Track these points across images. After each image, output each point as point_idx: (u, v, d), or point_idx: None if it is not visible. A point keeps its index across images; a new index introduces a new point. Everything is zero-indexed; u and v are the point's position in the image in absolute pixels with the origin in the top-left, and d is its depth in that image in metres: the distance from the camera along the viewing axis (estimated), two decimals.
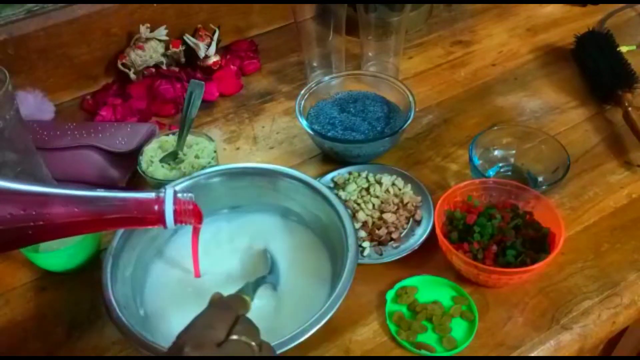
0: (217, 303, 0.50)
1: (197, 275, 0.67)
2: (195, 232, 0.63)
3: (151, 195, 0.55)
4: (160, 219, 0.55)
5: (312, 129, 0.81)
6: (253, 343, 0.46)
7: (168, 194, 0.56)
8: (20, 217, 0.50)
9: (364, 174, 0.80)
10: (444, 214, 0.71)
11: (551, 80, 0.97)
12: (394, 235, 0.73)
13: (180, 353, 0.43)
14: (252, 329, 0.47)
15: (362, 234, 0.74)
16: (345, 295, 0.59)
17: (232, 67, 0.99)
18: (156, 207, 0.55)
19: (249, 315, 0.50)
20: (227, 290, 0.64)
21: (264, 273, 0.67)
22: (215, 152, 0.79)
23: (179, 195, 0.57)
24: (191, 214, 0.57)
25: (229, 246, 0.72)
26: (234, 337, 0.45)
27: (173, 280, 0.69)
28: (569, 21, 1.09)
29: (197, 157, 0.77)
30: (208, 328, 0.45)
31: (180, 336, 0.45)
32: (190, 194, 0.58)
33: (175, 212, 0.55)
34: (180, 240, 0.73)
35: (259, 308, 0.65)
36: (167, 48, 0.98)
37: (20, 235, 0.51)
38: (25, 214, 0.50)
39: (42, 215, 0.50)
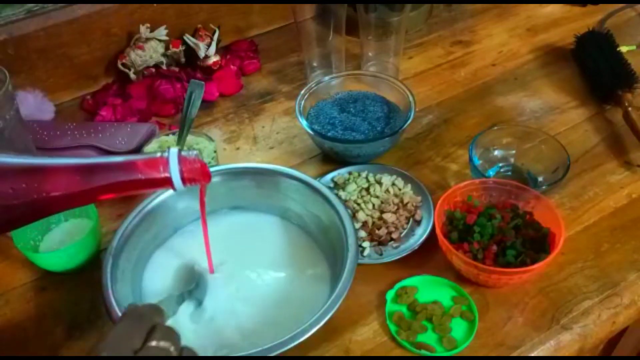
0: (131, 313, 0.48)
1: (205, 229, 0.66)
2: (202, 192, 0.61)
3: (155, 155, 0.53)
4: (167, 180, 0.53)
5: (312, 129, 0.81)
6: (172, 348, 0.45)
7: (172, 153, 0.53)
8: (22, 191, 0.48)
9: (364, 174, 0.80)
10: (444, 214, 0.71)
11: (551, 80, 0.97)
12: (394, 235, 0.73)
13: None
14: (171, 334, 0.46)
15: (362, 234, 0.74)
16: (345, 295, 0.59)
17: (232, 67, 0.99)
18: (161, 168, 0.52)
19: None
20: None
21: (189, 287, 0.66)
22: (215, 152, 0.79)
23: (184, 153, 0.54)
24: (199, 173, 0.55)
25: (235, 255, 0.71)
26: (152, 343, 0.44)
27: (173, 278, 0.69)
28: (569, 21, 1.09)
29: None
30: (123, 338, 0.44)
31: (96, 348, 0.44)
32: (195, 151, 0.55)
33: (181, 172, 0.53)
34: (180, 240, 0.73)
35: (259, 307, 0.65)
36: (167, 48, 0.98)
37: (26, 210, 0.49)
38: (28, 187, 0.48)
39: (45, 187, 0.49)
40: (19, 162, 0.50)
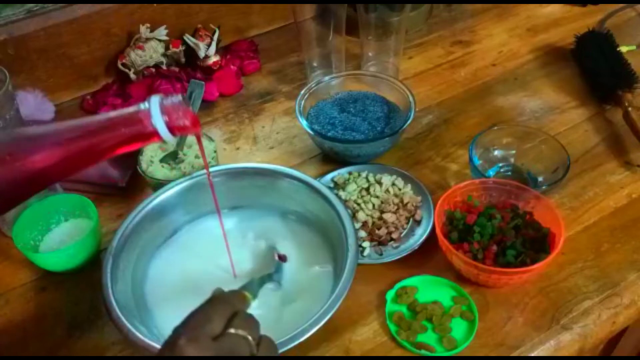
0: (216, 297, 0.49)
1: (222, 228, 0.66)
2: (199, 140, 0.60)
3: (137, 108, 0.50)
4: (153, 133, 0.50)
5: (312, 129, 0.81)
6: (250, 337, 0.45)
7: (153, 102, 0.50)
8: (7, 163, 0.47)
9: (364, 174, 0.80)
10: (444, 214, 0.71)
11: (551, 80, 0.97)
12: (394, 235, 0.73)
13: (175, 346, 0.43)
14: (251, 323, 0.47)
15: (362, 234, 0.74)
16: (345, 295, 0.59)
17: (232, 67, 0.99)
18: (146, 122, 0.50)
19: (251, 310, 0.50)
20: (230, 287, 0.64)
21: (269, 271, 0.67)
22: (215, 152, 0.79)
23: (166, 101, 0.51)
24: (186, 120, 0.52)
25: (233, 242, 0.71)
26: (231, 330, 0.45)
27: (173, 279, 0.69)
28: (569, 21, 1.09)
29: (197, 157, 0.77)
30: (205, 321, 0.45)
31: (176, 330, 0.45)
32: (178, 97, 0.52)
33: (167, 123, 0.50)
34: (180, 239, 0.73)
35: (260, 307, 0.65)
36: (167, 48, 0.98)
37: (17, 188, 0.48)
38: (12, 158, 0.47)
39: (31, 161, 0.48)
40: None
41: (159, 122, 0.50)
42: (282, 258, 0.69)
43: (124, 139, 0.50)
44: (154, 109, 0.50)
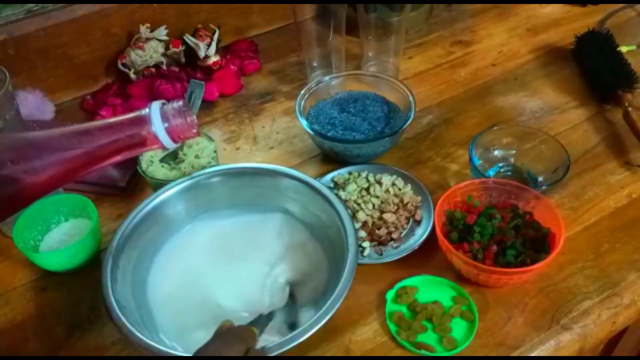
0: (227, 334, 0.48)
1: None
2: None
3: (138, 114, 0.50)
4: (155, 140, 0.50)
5: (312, 129, 0.81)
6: None
7: (154, 109, 0.49)
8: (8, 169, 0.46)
9: (364, 174, 0.80)
10: (444, 214, 0.71)
11: (551, 80, 0.97)
12: (394, 235, 0.73)
13: None
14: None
15: (362, 234, 0.74)
16: (345, 295, 0.59)
17: (232, 67, 0.99)
18: (145, 130, 0.49)
19: None
20: (229, 295, 0.64)
21: (279, 305, 0.65)
22: (215, 152, 0.79)
23: (166, 107, 0.50)
24: (186, 128, 0.51)
25: (236, 254, 0.71)
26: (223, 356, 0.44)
27: (173, 279, 0.69)
28: (569, 21, 1.09)
29: (197, 157, 0.77)
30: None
31: None
32: (179, 103, 0.51)
33: (168, 130, 0.50)
34: (180, 239, 0.73)
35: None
36: (167, 48, 0.98)
37: (17, 196, 0.48)
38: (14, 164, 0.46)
39: (32, 169, 0.47)
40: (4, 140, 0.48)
41: (159, 129, 0.50)
42: (294, 297, 0.66)
43: (124, 146, 0.50)
44: (155, 116, 0.50)
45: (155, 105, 0.50)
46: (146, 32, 0.95)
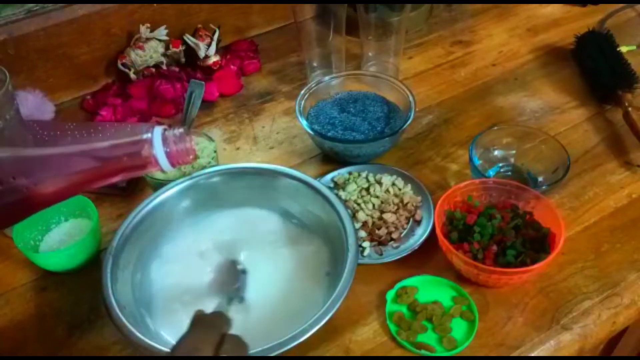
0: (200, 322, 0.47)
1: None
2: None
3: (139, 137, 0.51)
4: (154, 163, 0.52)
5: (312, 129, 0.81)
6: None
7: (156, 134, 0.51)
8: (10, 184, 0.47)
9: (364, 174, 0.80)
10: (444, 214, 0.71)
11: (551, 80, 0.97)
12: (394, 235, 0.73)
13: None
14: (240, 346, 0.46)
15: (362, 234, 0.74)
16: (345, 295, 0.59)
17: (232, 67, 0.99)
18: (146, 152, 0.51)
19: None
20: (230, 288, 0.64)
21: (233, 285, 0.66)
22: (215, 152, 0.79)
23: (168, 133, 0.53)
24: (184, 154, 0.53)
25: (236, 254, 0.71)
26: (223, 354, 0.44)
27: (173, 279, 0.69)
28: (569, 21, 1.09)
29: (197, 157, 0.77)
30: (193, 351, 0.44)
31: None
32: (180, 130, 0.53)
33: (167, 154, 0.52)
34: (180, 239, 0.73)
35: (259, 308, 0.65)
36: (167, 48, 0.98)
37: (17, 208, 0.49)
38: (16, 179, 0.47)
39: (33, 183, 0.48)
40: (7, 155, 0.49)
41: (159, 153, 0.52)
42: (244, 271, 0.68)
43: (124, 167, 0.52)
44: (157, 140, 0.52)
45: (157, 130, 0.52)
46: (146, 32, 0.95)
